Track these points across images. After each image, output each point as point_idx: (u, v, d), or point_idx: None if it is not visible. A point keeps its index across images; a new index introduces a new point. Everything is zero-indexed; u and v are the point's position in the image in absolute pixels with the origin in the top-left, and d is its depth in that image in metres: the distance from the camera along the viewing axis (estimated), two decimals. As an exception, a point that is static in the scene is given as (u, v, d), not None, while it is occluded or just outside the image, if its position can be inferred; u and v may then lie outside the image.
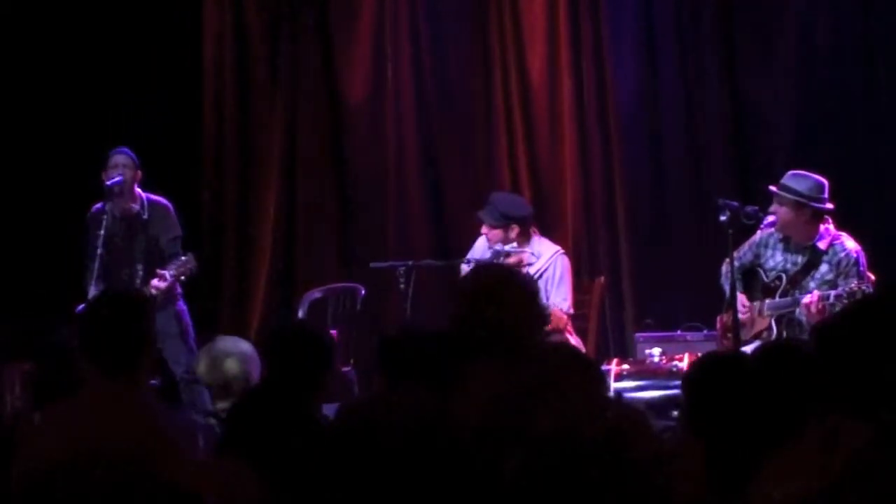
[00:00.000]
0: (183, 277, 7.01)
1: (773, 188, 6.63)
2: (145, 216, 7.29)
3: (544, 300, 7.04)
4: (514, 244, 7.13)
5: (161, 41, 8.79)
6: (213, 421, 4.59)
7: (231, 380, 4.88)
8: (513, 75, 8.71)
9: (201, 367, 5.06)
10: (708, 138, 8.45)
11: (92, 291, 7.23)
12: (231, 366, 4.92)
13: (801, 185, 6.58)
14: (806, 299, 6.44)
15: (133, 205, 7.29)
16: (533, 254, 7.17)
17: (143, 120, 8.37)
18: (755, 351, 3.65)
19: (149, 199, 7.34)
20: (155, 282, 6.90)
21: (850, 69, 8.26)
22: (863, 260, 6.56)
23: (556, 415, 1.52)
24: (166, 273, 6.90)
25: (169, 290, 7.07)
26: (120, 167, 7.20)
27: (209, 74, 9.02)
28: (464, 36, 8.87)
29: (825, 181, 6.59)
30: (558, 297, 7.09)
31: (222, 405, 4.80)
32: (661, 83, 8.52)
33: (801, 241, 6.65)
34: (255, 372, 4.89)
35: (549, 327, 6.92)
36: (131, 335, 3.37)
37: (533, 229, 7.32)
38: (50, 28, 8.72)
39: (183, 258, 7.01)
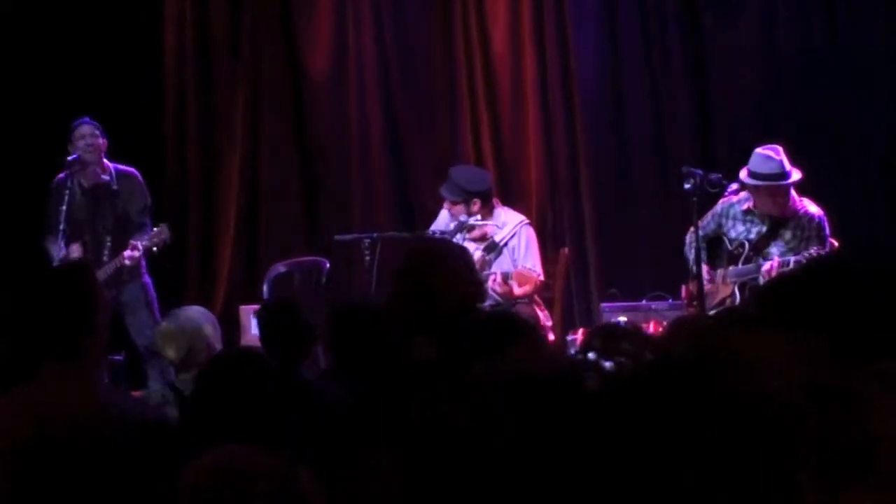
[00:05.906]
0: (156, 249, 6.98)
1: (767, 181, 6.57)
2: (115, 187, 7.23)
3: (511, 268, 7.06)
4: (478, 217, 7.12)
5: (123, 15, 8.70)
6: (168, 392, 4.58)
7: (194, 351, 4.84)
8: (476, 47, 8.69)
9: (164, 342, 5.00)
10: (671, 106, 8.44)
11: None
12: (194, 336, 4.88)
13: (781, 167, 6.55)
14: (766, 266, 6.47)
15: (102, 175, 7.23)
16: (497, 225, 7.17)
17: (106, 96, 8.29)
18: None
19: (117, 169, 7.28)
20: (128, 252, 6.88)
21: (813, 30, 8.24)
22: (825, 223, 6.59)
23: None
24: (139, 244, 6.88)
25: (135, 263, 7.04)
26: (87, 137, 7.14)
27: (170, 50, 8.94)
28: (426, 10, 8.83)
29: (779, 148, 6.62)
30: (527, 264, 7.09)
31: (184, 377, 4.77)
32: (623, 52, 8.49)
33: (782, 214, 6.65)
34: (217, 342, 4.87)
35: (524, 292, 6.95)
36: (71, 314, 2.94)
37: (495, 200, 7.32)
38: (14, 7, 8.62)
39: (156, 229, 6.99)
